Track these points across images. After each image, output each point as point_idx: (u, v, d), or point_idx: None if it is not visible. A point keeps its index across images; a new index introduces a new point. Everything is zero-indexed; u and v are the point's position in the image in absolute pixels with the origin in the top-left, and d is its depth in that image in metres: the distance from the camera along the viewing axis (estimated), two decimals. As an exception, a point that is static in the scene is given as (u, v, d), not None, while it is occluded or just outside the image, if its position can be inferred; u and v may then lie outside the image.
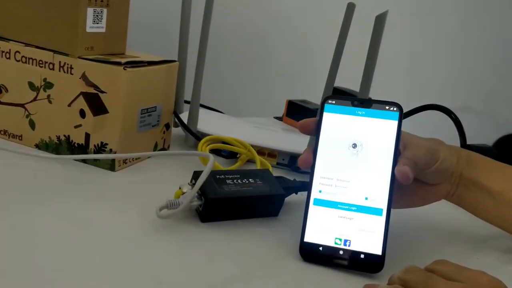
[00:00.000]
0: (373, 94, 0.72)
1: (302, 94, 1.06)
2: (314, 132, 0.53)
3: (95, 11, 0.64)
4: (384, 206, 0.50)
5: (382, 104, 0.52)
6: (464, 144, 0.70)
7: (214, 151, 0.72)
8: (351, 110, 0.53)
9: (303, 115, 0.96)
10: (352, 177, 0.51)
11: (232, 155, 0.73)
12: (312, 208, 0.51)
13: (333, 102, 0.53)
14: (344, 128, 0.52)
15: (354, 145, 0.52)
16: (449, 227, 0.64)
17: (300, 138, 0.83)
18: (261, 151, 0.74)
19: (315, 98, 1.01)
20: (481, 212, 0.58)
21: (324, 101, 0.53)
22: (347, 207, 0.50)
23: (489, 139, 1.59)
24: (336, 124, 0.53)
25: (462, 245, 0.59)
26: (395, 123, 0.52)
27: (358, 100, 0.53)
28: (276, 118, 1.04)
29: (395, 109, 0.52)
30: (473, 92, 1.65)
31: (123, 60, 0.62)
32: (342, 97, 0.53)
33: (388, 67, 0.97)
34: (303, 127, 0.56)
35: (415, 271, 0.42)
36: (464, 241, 0.60)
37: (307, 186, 0.52)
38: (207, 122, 0.79)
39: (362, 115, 0.53)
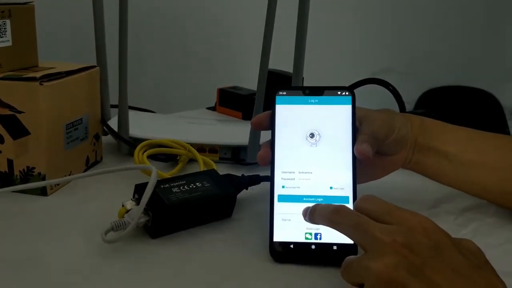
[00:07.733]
0: (308, 75, 0.70)
1: (231, 80, 1.03)
2: (269, 127, 0.52)
3: (-4, 24, 0.57)
4: (350, 193, 0.49)
5: (333, 90, 0.52)
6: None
7: (151, 156, 0.68)
8: (304, 100, 0.52)
9: (236, 102, 0.94)
10: (314, 167, 0.50)
11: (171, 158, 0.69)
12: (277, 205, 0.49)
13: (284, 93, 0.52)
14: (299, 118, 0.51)
15: (312, 135, 0.51)
16: (399, 197, 0.62)
17: (238, 127, 0.81)
18: (201, 148, 0.71)
19: (244, 83, 0.99)
20: (439, 176, 0.58)
21: (275, 93, 0.52)
22: (313, 199, 0.49)
23: (414, 96, 1.65)
24: (290, 116, 0.52)
25: (419, 214, 0.59)
26: (349, 107, 0.51)
27: (310, 89, 0.52)
28: (209, 108, 1.00)
29: (347, 93, 0.52)
30: (395, 54, 1.70)
31: (38, 75, 0.56)
32: (293, 87, 0.51)
33: (318, 43, 0.95)
34: (256, 124, 0.54)
35: (346, 213, 0.40)
36: (419, 209, 0.58)
37: (270, 181, 0.50)
38: (138, 125, 0.74)
39: (315, 103, 0.52)
